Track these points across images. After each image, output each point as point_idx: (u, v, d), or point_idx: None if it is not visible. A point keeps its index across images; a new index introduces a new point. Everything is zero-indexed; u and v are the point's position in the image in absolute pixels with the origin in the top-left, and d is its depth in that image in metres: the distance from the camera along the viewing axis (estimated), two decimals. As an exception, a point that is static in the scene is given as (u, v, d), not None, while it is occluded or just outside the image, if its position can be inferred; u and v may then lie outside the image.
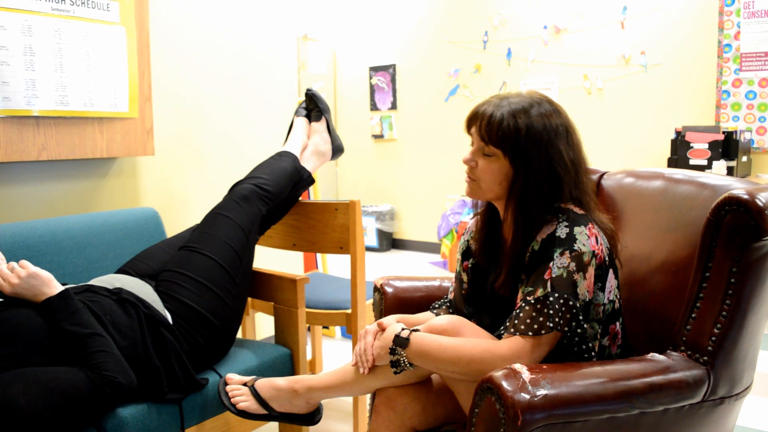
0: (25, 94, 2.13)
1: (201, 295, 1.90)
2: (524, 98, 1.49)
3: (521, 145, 1.43)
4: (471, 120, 1.53)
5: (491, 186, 1.50)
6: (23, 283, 1.63)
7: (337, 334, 3.79)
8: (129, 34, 2.41)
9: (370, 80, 6.67)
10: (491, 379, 1.23)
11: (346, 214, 2.32)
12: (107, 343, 1.60)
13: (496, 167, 1.47)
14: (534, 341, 1.36)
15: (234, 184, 2.21)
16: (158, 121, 2.69)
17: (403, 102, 6.47)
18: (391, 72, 6.49)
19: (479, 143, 1.50)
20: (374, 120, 6.67)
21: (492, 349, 1.38)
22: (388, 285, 1.95)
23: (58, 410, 1.46)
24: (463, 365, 1.40)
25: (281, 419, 1.77)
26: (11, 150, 2.12)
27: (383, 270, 5.57)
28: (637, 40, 4.96)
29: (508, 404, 1.18)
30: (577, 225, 1.41)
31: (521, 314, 1.38)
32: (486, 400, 1.24)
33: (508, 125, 1.43)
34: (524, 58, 5.57)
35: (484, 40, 5.79)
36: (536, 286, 1.39)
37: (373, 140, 6.74)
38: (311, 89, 2.51)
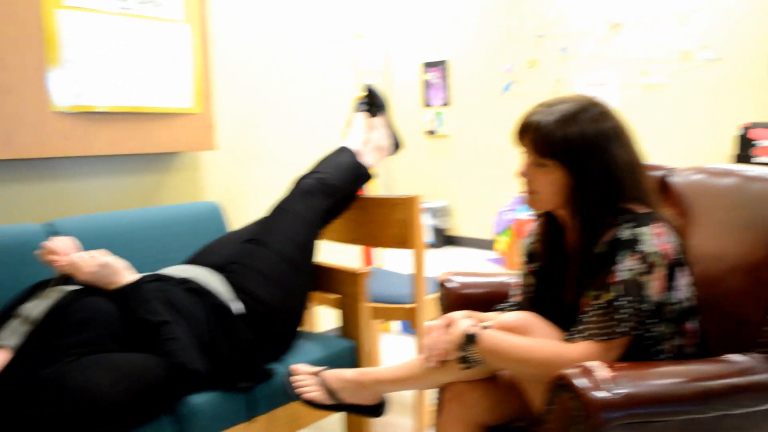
0: (96, 90, 2.18)
1: (267, 287, 1.92)
2: (572, 103, 1.44)
3: (575, 154, 1.40)
4: (520, 132, 1.49)
5: (550, 197, 1.47)
6: (98, 272, 1.68)
7: (396, 328, 3.80)
8: (193, 32, 2.45)
9: (424, 76, 6.65)
10: (565, 377, 1.21)
11: (406, 209, 2.32)
12: (178, 332, 1.64)
13: (552, 178, 1.44)
14: (605, 345, 1.34)
15: (297, 179, 2.23)
16: (220, 117, 2.73)
17: (456, 98, 6.44)
18: (445, 68, 6.46)
19: (532, 156, 1.46)
20: (427, 116, 6.66)
21: (563, 352, 1.36)
22: (451, 280, 1.94)
23: (135, 395, 1.50)
24: (533, 367, 1.39)
25: (348, 410, 1.78)
26: (82, 145, 2.18)
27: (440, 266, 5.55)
28: (698, 34, 4.81)
29: (585, 402, 1.16)
30: (642, 225, 1.37)
31: (590, 319, 1.36)
32: (560, 398, 1.22)
33: (560, 135, 1.40)
34: (581, 53, 5.47)
35: (539, 35, 5.71)
36: (603, 290, 1.36)
37: (426, 136, 6.73)
38: (371, 85, 2.51)
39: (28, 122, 2.02)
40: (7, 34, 1.96)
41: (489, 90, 6.13)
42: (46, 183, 2.25)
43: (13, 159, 2.10)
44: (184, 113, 2.46)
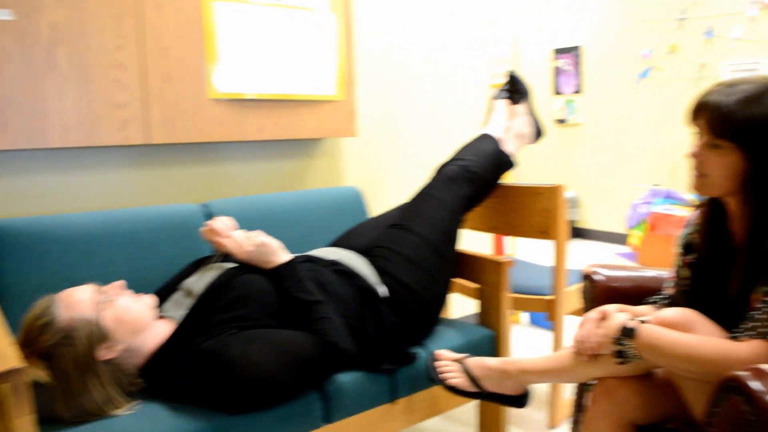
0: (247, 78, 2.28)
1: (412, 272, 1.95)
2: (755, 84, 1.34)
3: (755, 137, 1.30)
4: (697, 111, 1.40)
5: (721, 182, 1.38)
6: (255, 251, 1.76)
7: (524, 320, 3.75)
8: (338, 21, 2.51)
9: (554, 63, 6.48)
10: (737, 378, 1.15)
11: (549, 198, 2.27)
12: (330, 311, 1.69)
13: (727, 161, 1.35)
14: None
15: (440, 165, 2.24)
16: (362, 104, 2.79)
17: (589, 85, 6.23)
18: (577, 54, 6.26)
19: (707, 136, 1.37)
20: (558, 104, 6.48)
21: (731, 350, 1.29)
22: (598, 273, 1.88)
23: (289, 370, 1.56)
24: (697, 365, 1.32)
25: (490, 398, 1.77)
26: (234, 130, 2.29)
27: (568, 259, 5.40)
28: None
29: (762, 406, 1.09)
30: None
31: (761, 316, 1.28)
32: (730, 401, 1.16)
33: (741, 116, 1.31)
34: (726, 36, 5.13)
35: (681, 18, 5.40)
36: None
37: (556, 125, 6.56)
38: (514, 71, 2.47)
39: (187, 109, 2.15)
40: (171, 26, 2.09)
41: (624, 77, 5.88)
42: (201, 166, 2.39)
43: (174, 143, 2.24)
44: (328, 100, 2.52)
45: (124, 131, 2.02)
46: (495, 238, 3.53)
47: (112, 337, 1.52)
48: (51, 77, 1.88)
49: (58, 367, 1.45)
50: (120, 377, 1.53)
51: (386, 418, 1.85)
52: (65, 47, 1.89)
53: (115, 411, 1.49)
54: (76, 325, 1.47)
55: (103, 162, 2.18)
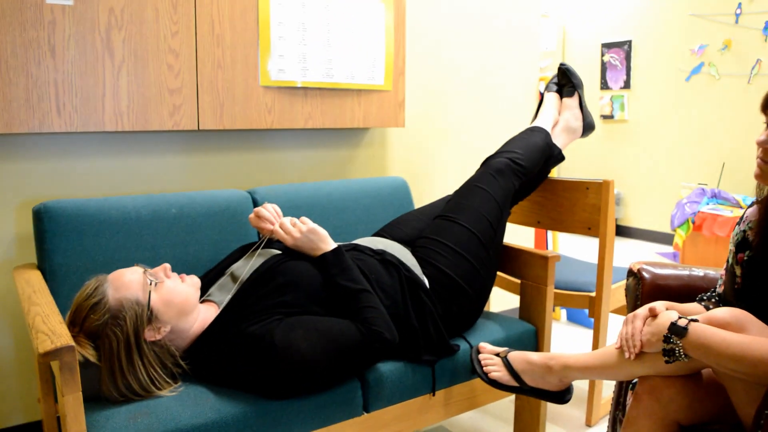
0: (297, 66, 2.30)
1: (457, 263, 1.94)
2: None
3: None
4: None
5: None
6: (304, 237, 1.77)
7: (563, 317, 3.71)
8: (387, 11, 2.51)
9: (602, 57, 6.37)
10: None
11: (597, 194, 2.24)
12: (375, 300, 1.70)
13: None
14: None
15: (488, 158, 2.22)
16: (409, 95, 2.79)
17: (637, 81, 6.10)
18: (626, 49, 6.14)
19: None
20: (604, 99, 6.38)
21: None
22: (646, 270, 1.85)
23: (332, 357, 1.57)
24: (749, 365, 1.29)
25: (531, 394, 1.76)
26: (283, 118, 2.31)
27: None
28: None
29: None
30: None
31: None
32: (782, 403, 1.13)
33: None
34: (786, 32, 4.99)
35: (737, 13, 5.26)
36: None
37: (601, 121, 6.45)
38: (565, 64, 2.44)
39: (237, 96, 2.18)
40: (225, 14, 2.12)
41: (675, 73, 5.75)
42: (250, 153, 2.42)
43: (224, 130, 2.27)
44: (376, 90, 2.53)
45: (175, 117, 2.06)
46: (536, 232, 3.50)
47: (159, 318, 1.55)
48: (107, 62, 1.92)
49: (105, 346, 1.48)
50: (165, 359, 1.56)
51: (424, 409, 1.86)
52: (121, 32, 1.93)
53: (159, 392, 1.51)
54: (125, 305, 1.50)
55: (154, 147, 2.22)
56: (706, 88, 5.49)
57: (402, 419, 1.81)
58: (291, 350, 1.51)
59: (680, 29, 5.69)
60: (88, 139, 2.10)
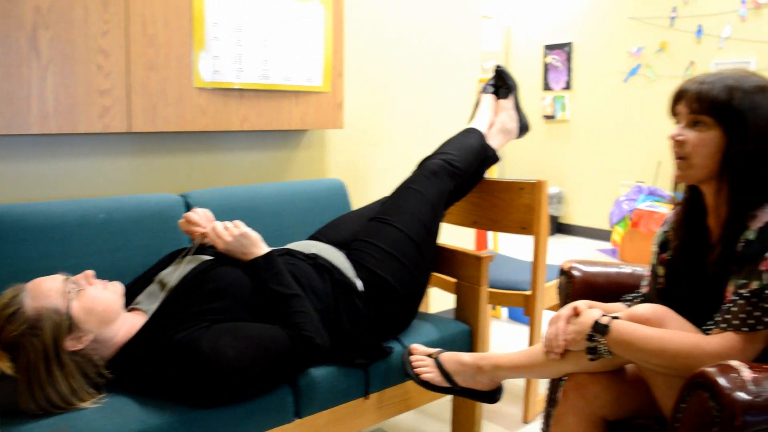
0: (233, 67, 2.27)
1: (390, 265, 1.95)
2: (737, 71, 1.40)
3: (736, 110, 1.34)
4: (677, 96, 1.44)
5: (703, 161, 1.39)
6: (235, 242, 1.75)
7: (504, 315, 3.76)
8: (326, 12, 2.50)
9: (545, 59, 6.48)
10: (705, 374, 1.16)
11: (531, 194, 2.28)
12: (306, 305, 1.69)
13: (708, 137, 1.38)
14: (748, 337, 1.27)
15: (423, 159, 2.24)
16: (347, 96, 2.78)
17: (578, 82, 6.23)
18: (567, 50, 6.26)
19: (688, 117, 1.40)
20: (546, 100, 6.49)
21: (701, 344, 1.30)
22: (577, 269, 1.89)
23: (261, 364, 1.56)
24: (668, 359, 1.33)
25: (462, 394, 1.78)
26: (218, 120, 2.27)
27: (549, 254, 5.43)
28: None
29: (726, 402, 1.10)
30: None
31: (734, 308, 1.29)
32: (697, 396, 1.17)
33: (720, 91, 1.35)
34: (717, 35, 5.15)
35: (672, 17, 5.42)
36: (751, 279, 1.29)
37: (544, 121, 6.56)
38: (501, 66, 2.48)
39: (170, 97, 2.14)
40: (158, 14, 2.07)
41: (614, 74, 5.89)
42: (183, 156, 2.38)
43: (156, 132, 2.22)
44: (314, 91, 2.51)
45: (105, 119, 2.01)
46: (477, 232, 3.54)
47: (80, 327, 1.50)
48: (33, 62, 1.86)
49: (23, 358, 1.43)
50: (87, 369, 1.51)
51: (358, 413, 1.86)
52: (48, 32, 1.87)
53: (81, 404, 1.47)
54: (44, 314, 1.45)
55: (82, 150, 2.16)
56: (643, 89, 5.64)
57: (335, 424, 1.80)
58: (218, 358, 1.49)
59: (619, 32, 5.83)
60: (13, 141, 2.03)
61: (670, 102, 1.46)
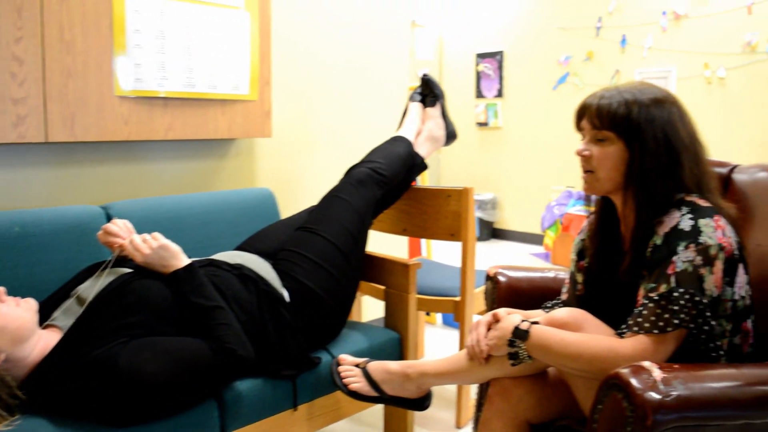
0: (156, 75, 2.23)
1: (317, 275, 1.94)
2: (634, 85, 1.45)
3: (634, 123, 1.39)
4: (580, 112, 1.49)
5: (609, 174, 1.44)
6: (154, 254, 1.71)
7: (438, 321, 3.79)
8: (252, 19, 2.48)
9: (477, 67, 6.59)
10: (619, 375, 1.19)
11: (458, 200, 2.31)
12: (229, 317, 1.66)
13: (611, 151, 1.42)
14: (659, 339, 1.31)
15: (350, 168, 2.24)
16: (276, 105, 2.76)
17: (509, 90, 6.36)
18: (499, 59, 6.38)
19: (591, 132, 1.45)
20: (479, 107, 6.59)
21: (615, 347, 1.33)
22: (502, 274, 1.92)
23: (183, 379, 1.53)
24: (585, 362, 1.36)
25: (391, 402, 1.78)
26: (141, 129, 2.22)
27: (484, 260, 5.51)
28: (764, 25, 4.64)
29: (638, 403, 1.13)
30: (702, 217, 1.34)
31: (644, 312, 1.33)
32: (611, 397, 1.20)
33: (618, 105, 1.40)
34: (640, 45, 5.34)
35: (598, 27, 5.59)
36: (659, 282, 1.33)
37: (477, 128, 6.67)
38: (428, 74, 2.50)
39: (90, 106, 2.07)
40: (76, 20, 2.01)
41: (544, 82, 6.04)
42: (105, 166, 2.31)
43: (75, 142, 2.15)
44: (242, 100, 2.49)
45: (19, 128, 1.93)
46: (410, 240, 3.56)
47: None
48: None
49: None
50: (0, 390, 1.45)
51: (287, 425, 1.84)
52: (-44, 38, 1.80)
53: (-8, 428, 1.41)
54: None
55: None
56: (571, 97, 5.80)
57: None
58: (137, 373, 1.46)
59: (547, 41, 5.98)
60: None
61: (575, 118, 1.51)
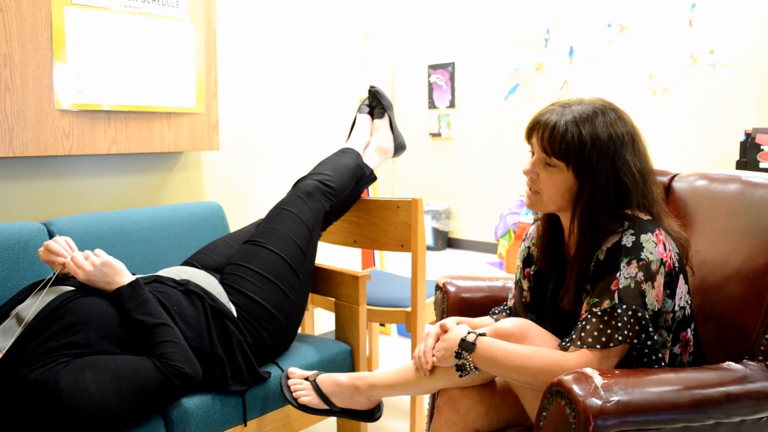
0: (98, 88, 2.18)
1: (265, 289, 1.92)
2: (587, 105, 1.42)
3: (586, 157, 1.37)
4: (531, 129, 1.47)
5: (553, 198, 1.45)
6: (96, 271, 1.67)
7: (393, 332, 3.79)
8: (197, 31, 2.45)
9: (429, 78, 6.64)
10: (561, 382, 1.20)
11: (408, 211, 2.31)
12: (175, 334, 1.63)
13: (558, 179, 1.42)
14: (602, 354, 1.33)
15: (297, 180, 2.23)
16: (223, 117, 2.73)
17: (461, 100, 6.43)
18: (450, 70, 6.45)
19: (540, 154, 1.44)
20: (432, 118, 6.64)
21: (559, 361, 1.35)
22: (451, 284, 1.93)
23: (127, 398, 1.49)
24: (530, 376, 1.37)
25: (341, 414, 1.77)
26: (84, 143, 2.18)
27: (439, 269, 5.54)
28: (706, 38, 4.79)
29: (580, 409, 1.15)
30: (644, 232, 1.36)
31: (587, 326, 1.35)
32: (555, 404, 1.21)
33: (572, 136, 1.37)
34: (587, 56, 5.46)
35: (546, 39, 5.70)
36: (603, 298, 1.35)
37: (430, 138, 6.72)
38: (375, 86, 2.51)
39: (29, 120, 2.02)
40: (14, 32, 1.96)
41: (495, 92, 6.11)
42: (46, 181, 2.25)
43: (15, 157, 2.10)
44: (187, 113, 2.45)
45: (-47, 143, 1.88)
46: (363, 251, 3.56)
47: None
48: None
49: None
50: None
51: (236, 441, 1.81)
52: None
53: None
54: None
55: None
56: (522, 107, 5.89)
57: (211, 454, 1.74)
58: (79, 394, 1.42)
59: (498, 52, 6.06)
60: None
61: (525, 131, 1.50)
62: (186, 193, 2.67)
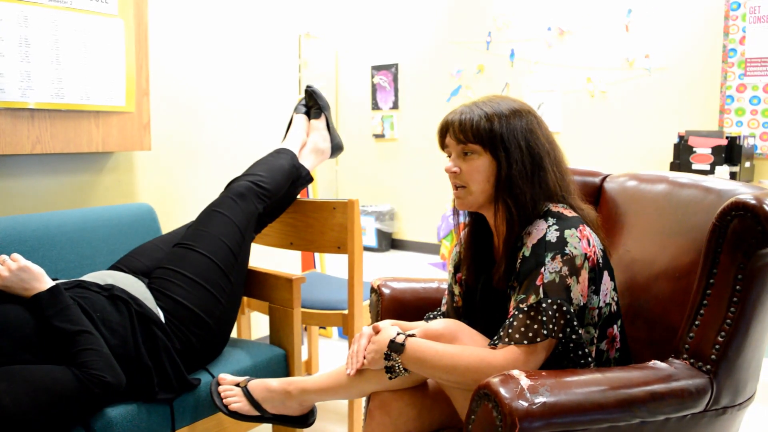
0: (20, 86, 2.09)
1: (195, 293, 1.87)
2: (491, 98, 1.50)
3: (498, 134, 1.42)
4: (443, 130, 1.52)
5: (481, 186, 1.46)
6: (13, 277, 1.60)
7: (334, 334, 3.76)
8: (127, 27, 2.38)
9: (372, 79, 6.64)
10: (488, 385, 1.20)
11: (344, 213, 2.29)
12: (96, 341, 1.57)
13: (479, 164, 1.45)
14: (529, 349, 1.33)
15: (230, 181, 2.18)
16: (155, 116, 2.65)
17: (404, 102, 6.44)
18: (394, 71, 6.45)
19: (457, 147, 1.47)
20: (375, 119, 6.64)
21: (487, 359, 1.34)
22: (386, 286, 1.92)
23: (45, 409, 1.43)
24: (459, 374, 1.37)
25: (274, 421, 1.74)
26: (5, 143, 2.08)
27: (382, 270, 5.54)
28: (641, 43, 4.92)
29: (506, 411, 1.14)
30: (568, 228, 1.38)
31: (515, 323, 1.35)
32: (483, 407, 1.21)
33: (479, 118, 1.43)
34: (527, 59, 5.54)
35: (488, 41, 5.76)
36: (528, 293, 1.35)
37: (374, 140, 6.71)
38: (311, 86, 2.47)
39: (-56, 118, 1.93)
40: None
41: (437, 94, 6.15)
42: (-36, 182, 2.15)
43: (-72, 156, 2.00)
44: (117, 111, 2.38)
45: None
46: (303, 253, 3.52)
47: None
48: None
49: None
50: None
51: (164, 451, 1.75)
52: None
53: None
54: None
55: None
56: (464, 109, 5.92)
57: (137, 465, 1.68)
58: None
59: (441, 54, 6.10)
60: None
61: (438, 137, 1.53)
62: (117, 194, 2.59)
